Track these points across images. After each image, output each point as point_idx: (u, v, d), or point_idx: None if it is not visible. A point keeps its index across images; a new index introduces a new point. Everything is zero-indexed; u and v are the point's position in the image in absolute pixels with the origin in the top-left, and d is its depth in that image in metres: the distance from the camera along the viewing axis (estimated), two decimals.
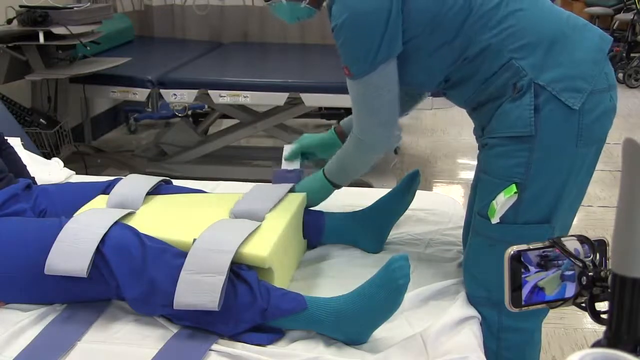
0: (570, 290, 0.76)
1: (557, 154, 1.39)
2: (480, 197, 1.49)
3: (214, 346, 1.36)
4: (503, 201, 1.39)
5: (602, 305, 0.69)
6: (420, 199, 1.83)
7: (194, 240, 1.44)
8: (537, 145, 1.37)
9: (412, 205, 1.79)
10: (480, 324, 1.47)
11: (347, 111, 4.80)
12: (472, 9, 1.39)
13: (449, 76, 1.48)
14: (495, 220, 1.41)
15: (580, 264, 0.74)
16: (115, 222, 1.48)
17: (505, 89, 1.40)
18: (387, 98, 1.49)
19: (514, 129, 1.39)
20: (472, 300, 1.50)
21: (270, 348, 1.38)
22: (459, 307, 1.46)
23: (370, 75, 1.44)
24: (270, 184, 1.80)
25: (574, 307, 0.76)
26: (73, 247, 1.42)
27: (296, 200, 1.73)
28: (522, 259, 0.76)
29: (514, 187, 1.38)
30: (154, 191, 1.77)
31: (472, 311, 1.45)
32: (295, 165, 1.85)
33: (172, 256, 1.45)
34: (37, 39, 2.93)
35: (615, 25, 6.67)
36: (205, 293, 1.36)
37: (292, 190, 1.76)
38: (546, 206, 1.41)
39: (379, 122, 1.53)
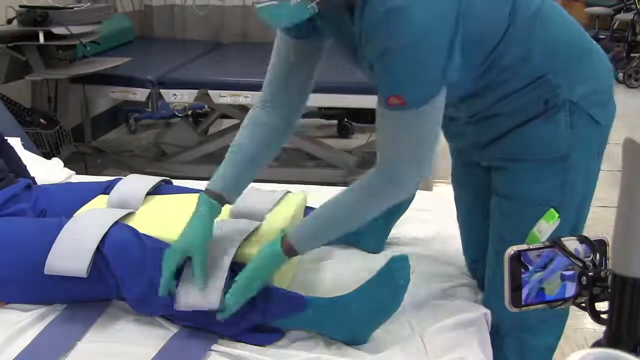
0: (570, 290, 0.76)
1: (586, 169, 1.36)
2: (509, 224, 1.40)
3: (214, 346, 1.37)
4: (547, 228, 1.33)
5: (602, 305, 0.69)
6: (420, 199, 1.83)
7: None
8: (570, 165, 1.32)
9: (412, 205, 1.79)
10: (500, 342, 1.46)
11: (348, 111, 4.77)
12: (514, 19, 1.24)
13: (473, 89, 1.33)
14: None
15: (580, 264, 0.74)
16: (115, 222, 1.48)
17: (533, 104, 1.30)
18: (437, 131, 1.28)
19: (550, 150, 1.32)
20: (500, 328, 1.46)
21: (270, 348, 1.38)
22: (459, 308, 1.47)
23: (432, 103, 1.21)
24: (268, 185, 1.80)
25: (574, 307, 0.76)
26: (73, 247, 1.42)
27: (296, 200, 1.73)
28: (522, 259, 0.76)
29: (554, 212, 1.28)
30: (154, 191, 1.77)
31: (472, 312, 1.45)
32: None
33: None
34: (37, 39, 2.93)
35: (615, 25, 6.68)
36: (205, 294, 1.36)
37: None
38: (575, 222, 1.40)
39: (424, 162, 1.28)
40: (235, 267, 1.42)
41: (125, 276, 1.41)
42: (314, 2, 1.18)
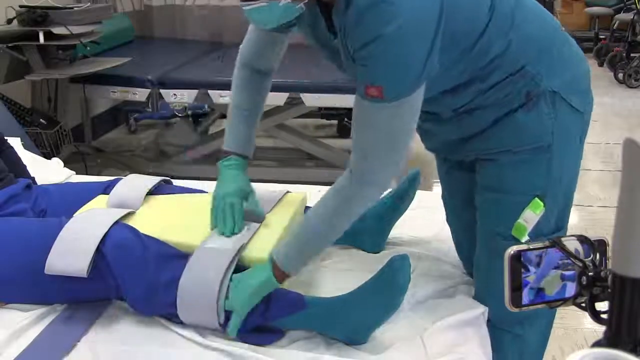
0: (570, 290, 0.76)
1: (569, 157, 1.38)
2: (496, 217, 1.41)
3: (214, 345, 1.37)
4: (533, 218, 1.32)
5: (602, 305, 0.69)
6: (420, 199, 1.83)
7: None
8: (554, 153, 1.34)
9: (412, 205, 1.79)
10: (499, 339, 1.46)
11: (348, 111, 4.81)
12: (494, 13, 1.26)
13: (454, 83, 1.35)
14: (525, 239, 1.33)
15: (580, 264, 0.74)
16: (116, 222, 1.48)
17: (514, 96, 1.32)
18: (413, 128, 1.27)
19: (534, 140, 1.33)
20: (499, 323, 1.46)
21: (270, 348, 1.38)
22: (459, 307, 1.46)
23: (410, 97, 1.20)
24: (268, 185, 1.80)
25: (574, 307, 0.76)
26: (73, 247, 1.42)
27: (296, 200, 1.73)
28: (522, 259, 0.76)
29: (539, 201, 1.33)
30: (154, 191, 1.77)
31: (472, 311, 1.45)
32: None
33: (172, 256, 1.45)
34: (37, 39, 2.93)
35: (615, 25, 6.68)
36: (206, 313, 1.37)
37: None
38: (560, 212, 1.40)
39: (397, 160, 1.28)
40: (237, 270, 1.42)
41: (126, 276, 1.41)
42: (303, 2, 1.18)
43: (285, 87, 3.18)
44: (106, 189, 1.76)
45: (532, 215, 1.33)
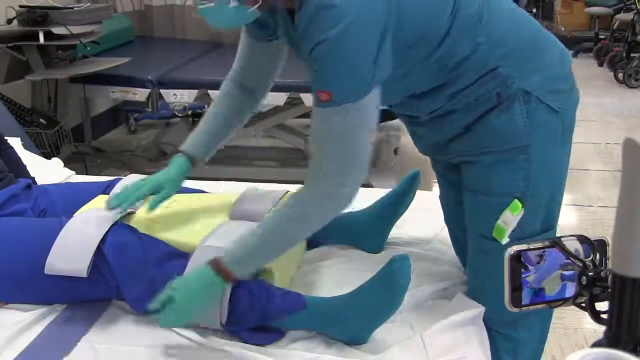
0: (570, 290, 0.76)
1: (550, 157, 1.38)
2: (479, 218, 1.42)
3: (215, 346, 1.37)
4: (511, 219, 1.33)
5: (602, 305, 0.69)
6: (420, 199, 1.83)
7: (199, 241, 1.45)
8: (532, 154, 1.34)
9: (412, 205, 1.79)
10: (492, 339, 1.46)
11: None
12: (456, 17, 1.26)
13: (422, 88, 1.34)
14: (505, 240, 1.34)
15: (580, 264, 0.74)
16: (115, 222, 1.48)
17: (487, 98, 1.31)
18: (370, 129, 1.25)
19: (509, 141, 1.33)
20: (490, 323, 1.45)
21: (270, 348, 1.38)
22: (459, 307, 1.46)
23: (361, 101, 1.19)
24: (268, 185, 1.80)
25: (574, 307, 0.76)
26: (73, 247, 1.42)
27: None
28: (522, 259, 0.76)
29: (518, 203, 1.33)
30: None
31: (471, 311, 1.45)
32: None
33: (172, 256, 1.45)
34: (37, 39, 2.93)
35: (615, 25, 6.68)
36: (205, 314, 1.37)
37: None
38: (548, 212, 1.40)
39: (360, 162, 1.25)
40: None
41: (125, 276, 1.41)
42: (255, 6, 1.19)
43: (285, 87, 3.18)
44: (106, 189, 1.76)
45: (510, 216, 1.33)
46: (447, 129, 1.39)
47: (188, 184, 2.00)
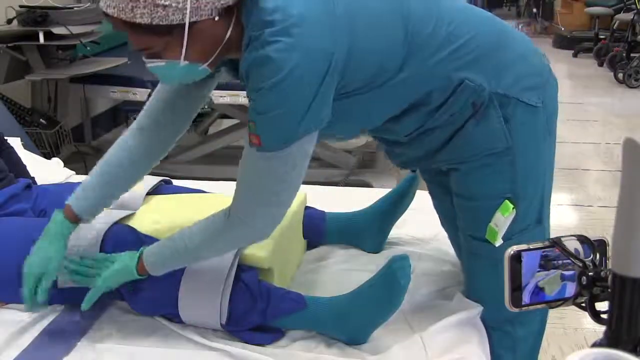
0: (570, 290, 0.76)
1: (535, 155, 1.37)
2: (469, 221, 1.43)
3: (214, 346, 1.37)
4: (503, 221, 1.33)
5: (602, 305, 0.69)
6: (420, 199, 1.83)
7: None
8: (516, 155, 1.33)
9: (412, 205, 1.79)
10: (490, 337, 1.46)
11: None
12: (411, 42, 1.24)
13: (393, 112, 1.33)
14: (498, 242, 1.34)
15: (580, 264, 0.74)
16: (115, 223, 1.48)
17: (463, 110, 1.30)
18: (299, 175, 1.24)
19: (490, 146, 1.33)
20: (488, 323, 1.46)
21: (270, 348, 1.38)
22: (458, 307, 1.46)
23: (289, 150, 1.19)
24: None
25: (574, 307, 0.76)
26: (73, 247, 1.42)
27: (296, 200, 1.73)
28: (521, 259, 0.76)
29: (509, 204, 1.33)
30: (154, 191, 1.77)
31: (471, 311, 1.45)
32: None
33: None
34: (37, 39, 2.93)
35: (615, 25, 6.68)
36: (209, 312, 1.37)
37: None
38: (537, 208, 1.40)
39: (278, 202, 1.26)
40: (238, 270, 1.42)
41: None
42: (205, 64, 1.20)
43: None
44: None
45: (502, 218, 1.33)
46: (428, 143, 1.38)
47: (188, 184, 2.01)
